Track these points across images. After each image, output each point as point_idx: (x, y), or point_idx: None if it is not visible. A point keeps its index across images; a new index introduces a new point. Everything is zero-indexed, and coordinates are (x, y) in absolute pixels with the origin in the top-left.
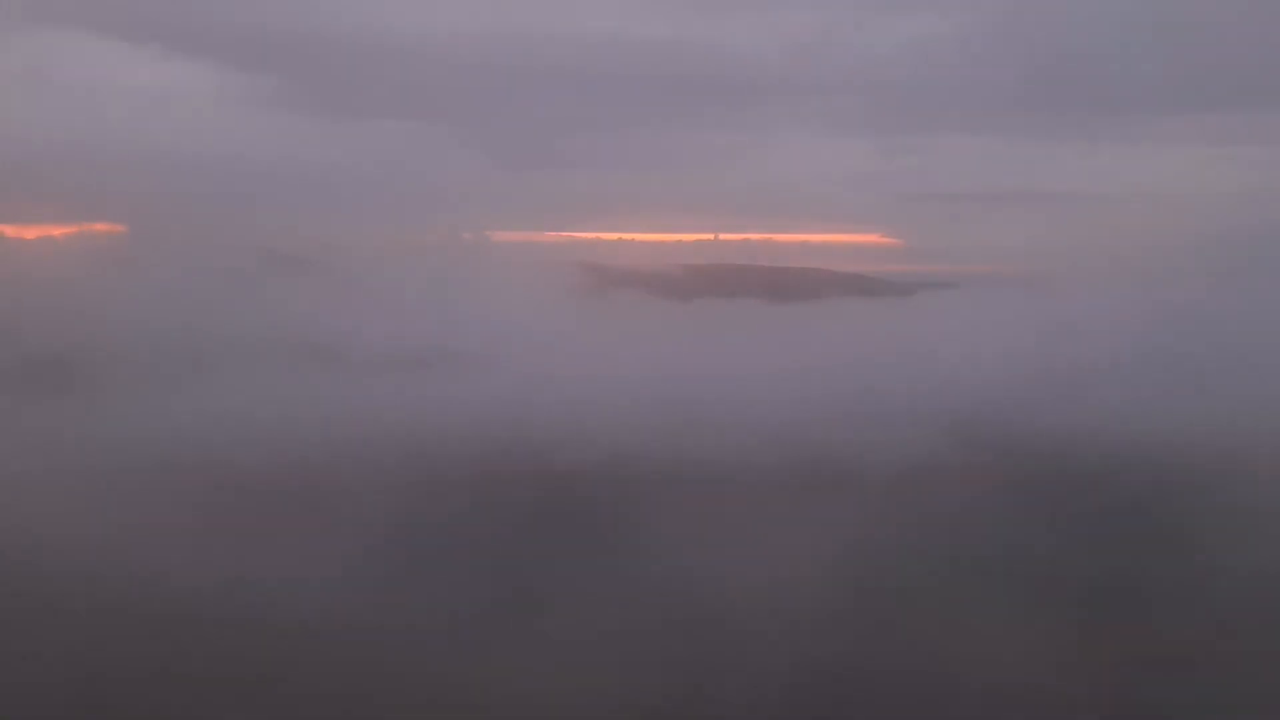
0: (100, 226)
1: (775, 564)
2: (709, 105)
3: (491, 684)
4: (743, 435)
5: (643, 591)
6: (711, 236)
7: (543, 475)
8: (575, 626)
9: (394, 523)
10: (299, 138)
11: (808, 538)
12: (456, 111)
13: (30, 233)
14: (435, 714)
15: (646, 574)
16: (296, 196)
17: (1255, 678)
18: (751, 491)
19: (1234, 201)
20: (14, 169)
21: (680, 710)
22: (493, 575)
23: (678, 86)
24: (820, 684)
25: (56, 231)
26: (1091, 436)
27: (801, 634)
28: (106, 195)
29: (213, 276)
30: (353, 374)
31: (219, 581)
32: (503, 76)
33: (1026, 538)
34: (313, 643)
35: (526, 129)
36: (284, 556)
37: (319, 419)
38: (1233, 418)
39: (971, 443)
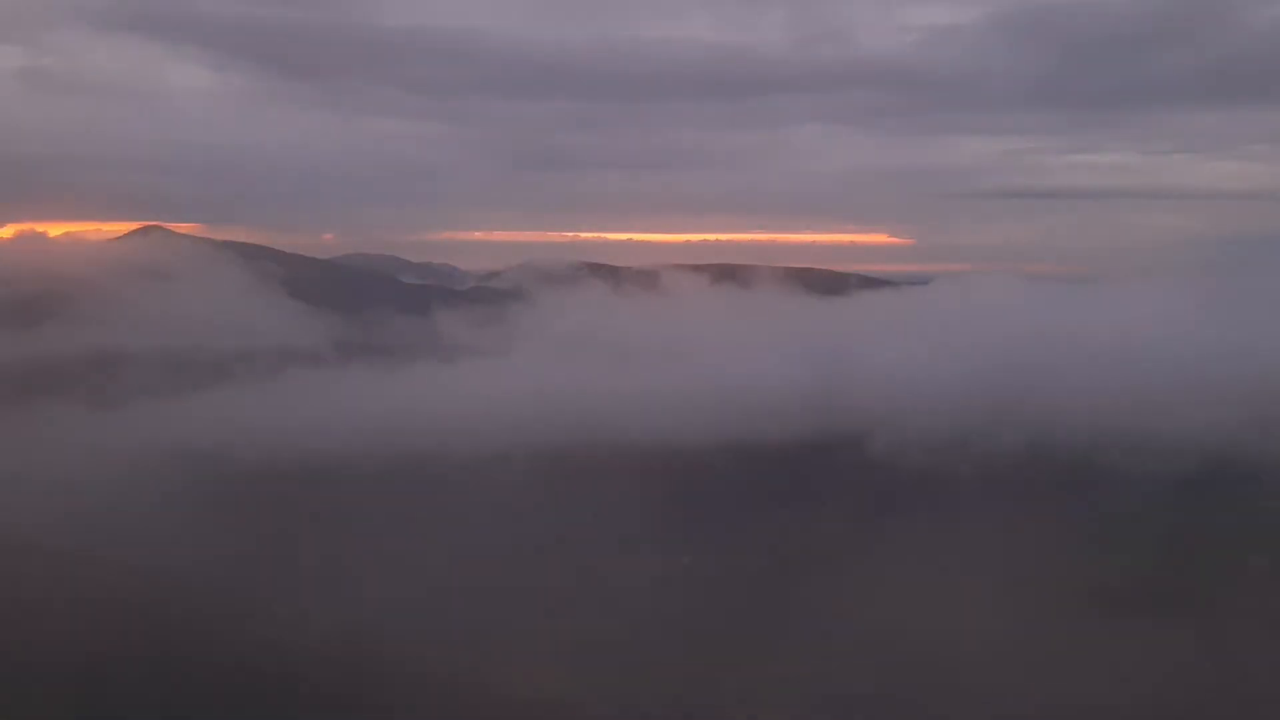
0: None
1: None
2: (717, 104)
3: None
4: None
5: None
6: (726, 237)
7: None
8: None
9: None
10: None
11: None
12: (463, 111)
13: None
14: None
15: None
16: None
17: None
18: None
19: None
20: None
21: None
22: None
23: (687, 85)
24: None
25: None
26: None
27: None
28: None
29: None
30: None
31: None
32: (510, 78)
33: None
34: None
35: (532, 129)
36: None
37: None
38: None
39: None
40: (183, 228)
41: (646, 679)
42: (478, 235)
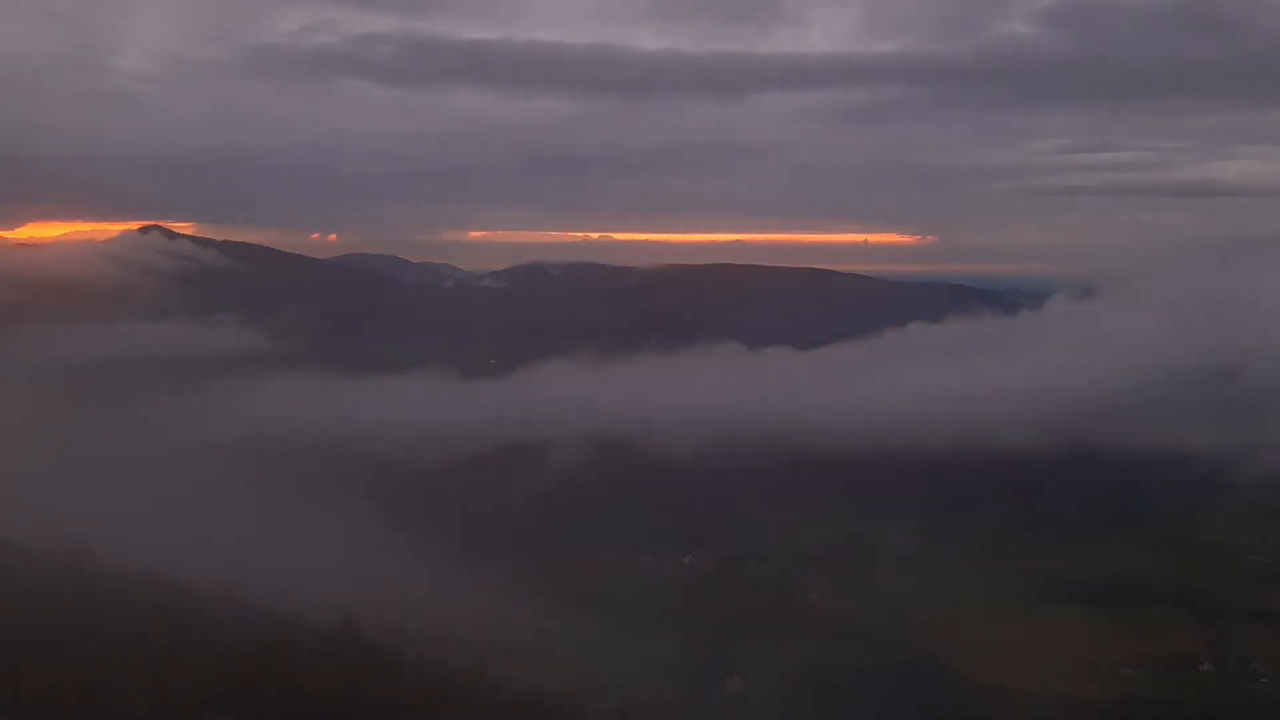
0: None
1: None
2: (722, 103)
3: None
4: None
5: None
6: (735, 238)
7: None
8: None
9: None
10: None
11: None
12: (467, 112)
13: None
14: None
15: None
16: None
17: None
18: None
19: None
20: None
21: None
22: None
23: (690, 84)
24: None
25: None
26: None
27: None
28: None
29: None
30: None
31: None
32: (513, 76)
33: None
34: None
35: (538, 130)
36: None
37: None
38: None
39: None
40: (183, 228)
41: None
42: (478, 235)
